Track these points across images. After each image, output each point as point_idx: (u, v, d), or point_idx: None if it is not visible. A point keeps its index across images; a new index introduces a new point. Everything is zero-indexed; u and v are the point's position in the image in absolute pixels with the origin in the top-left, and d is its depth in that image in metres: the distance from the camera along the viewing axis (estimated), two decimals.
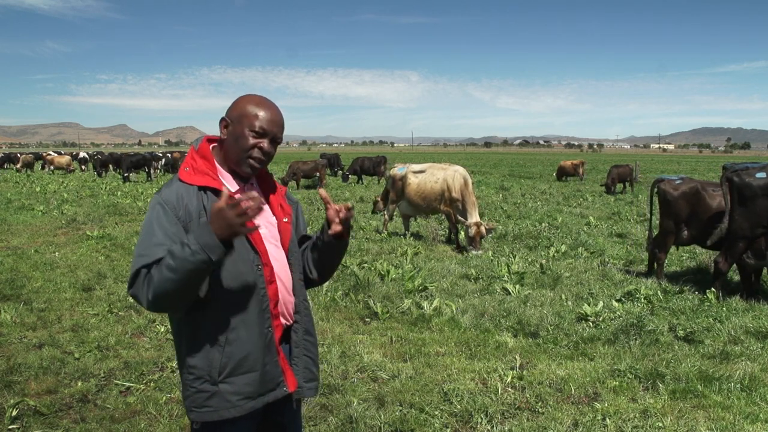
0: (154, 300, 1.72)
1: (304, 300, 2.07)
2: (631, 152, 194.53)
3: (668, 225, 7.24)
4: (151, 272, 1.73)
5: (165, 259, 1.70)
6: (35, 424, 3.69)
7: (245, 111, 1.90)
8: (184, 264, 1.66)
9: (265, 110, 1.91)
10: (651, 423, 3.64)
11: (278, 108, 1.96)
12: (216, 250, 1.67)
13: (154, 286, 1.71)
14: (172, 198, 1.83)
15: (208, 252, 1.66)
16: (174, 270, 1.67)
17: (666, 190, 7.22)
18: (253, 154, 1.90)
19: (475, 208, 9.58)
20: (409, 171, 10.61)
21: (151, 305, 1.74)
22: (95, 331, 5.42)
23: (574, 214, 14.67)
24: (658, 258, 7.39)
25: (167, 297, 1.72)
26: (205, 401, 1.86)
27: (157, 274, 1.71)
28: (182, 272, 1.67)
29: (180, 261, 1.67)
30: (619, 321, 5.45)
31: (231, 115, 1.93)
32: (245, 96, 1.96)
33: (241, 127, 1.89)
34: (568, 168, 28.91)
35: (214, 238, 1.66)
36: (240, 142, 1.89)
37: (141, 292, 1.75)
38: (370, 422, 3.64)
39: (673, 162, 67.38)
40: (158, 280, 1.70)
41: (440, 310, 5.93)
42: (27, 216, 13.58)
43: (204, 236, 1.66)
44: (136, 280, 1.76)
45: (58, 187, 22.59)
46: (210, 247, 1.66)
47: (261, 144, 1.90)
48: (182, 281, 1.69)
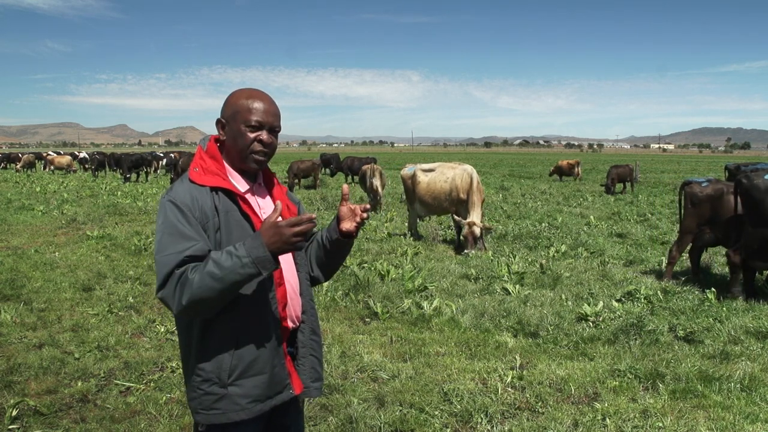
0: (188, 305, 1.67)
1: (310, 300, 2.07)
2: (631, 152, 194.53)
3: (690, 226, 7.33)
4: (186, 275, 1.67)
5: (207, 267, 1.66)
6: (35, 424, 3.69)
7: (237, 107, 1.88)
8: (230, 275, 1.64)
9: (258, 102, 1.88)
10: (651, 423, 3.64)
11: (270, 97, 1.93)
12: (268, 265, 1.66)
13: (193, 291, 1.65)
14: (186, 199, 1.80)
15: (260, 266, 1.65)
16: (219, 279, 1.64)
17: (693, 193, 7.30)
18: (255, 148, 1.88)
19: (475, 209, 9.41)
20: (418, 170, 10.49)
21: (182, 310, 1.69)
22: (95, 331, 5.42)
23: (574, 214, 14.66)
24: (671, 256, 7.47)
25: (203, 304, 1.68)
26: (213, 404, 1.84)
27: (197, 281, 1.65)
28: (227, 283, 1.65)
29: (227, 272, 1.64)
30: (619, 321, 5.45)
31: (225, 115, 1.91)
32: (235, 92, 1.94)
33: (236, 125, 1.87)
34: (564, 168, 29.30)
35: (267, 253, 1.65)
36: (239, 139, 1.87)
37: (172, 296, 1.68)
38: (370, 422, 3.64)
39: (673, 162, 67.37)
40: (198, 287, 1.65)
41: (440, 310, 5.93)
42: (27, 216, 13.59)
43: (257, 250, 1.64)
44: (168, 281, 1.70)
45: (58, 187, 22.59)
46: (262, 261, 1.65)
47: (260, 136, 1.88)
48: (223, 291, 1.66)
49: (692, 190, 7.33)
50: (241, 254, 1.65)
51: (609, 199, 19.18)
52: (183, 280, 1.67)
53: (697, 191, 7.28)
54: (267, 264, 1.66)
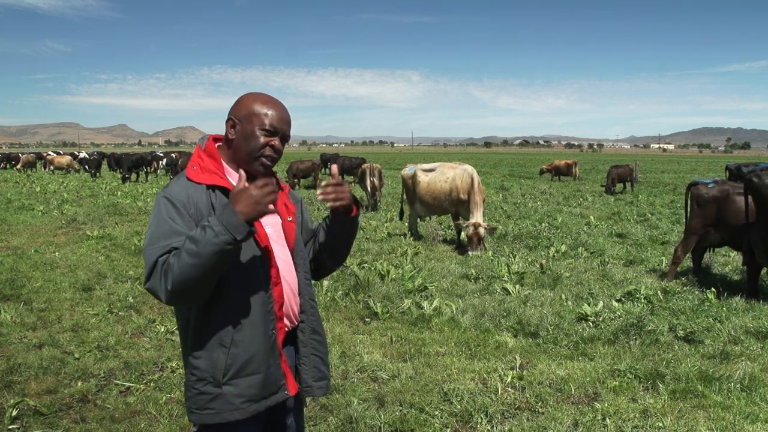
0: (174, 289, 1.66)
1: (310, 299, 2.06)
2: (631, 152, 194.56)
3: (695, 227, 7.33)
4: (169, 261, 1.68)
5: (185, 245, 1.66)
6: (35, 424, 3.69)
7: (254, 110, 1.89)
8: (206, 247, 1.63)
9: (274, 109, 1.91)
10: (651, 423, 3.64)
11: (285, 106, 1.96)
12: (241, 229, 1.65)
13: (174, 274, 1.65)
14: (182, 196, 1.81)
15: (233, 231, 1.64)
16: (196, 254, 1.63)
17: (699, 194, 7.31)
18: (266, 152, 1.89)
19: (477, 209, 9.36)
20: (418, 170, 10.47)
21: (170, 296, 1.68)
22: (95, 331, 5.42)
23: (574, 214, 14.66)
24: (675, 256, 7.47)
25: (188, 284, 1.67)
26: (207, 403, 1.84)
27: (176, 262, 1.66)
28: (205, 256, 1.63)
29: (203, 244, 1.63)
30: (619, 321, 5.45)
31: (238, 115, 1.91)
32: (251, 94, 1.95)
33: (251, 126, 1.88)
34: (562, 167, 29.49)
35: (238, 217, 1.65)
36: (251, 141, 1.88)
37: (159, 284, 1.69)
38: (370, 422, 3.64)
39: (673, 162, 67.38)
40: (178, 267, 1.65)
41: (440, 310, 5.93)
42: (27, 216, 13.58)
43: (227, 216, 1.65)
44: (153, 271, 1.70)
45: (58, 187, 22.59)
46: (234, 226, 1.64)
47: (273, 142, 1.89)
48: (205, 266, 1.65)
49: (698, 191, 7.34)
50: (213, 223, 1.65)
51: (609, 199, 19.18)
52: (166, 267, 1.68)
53: (703, 192, 7.29)
54: (240, 228, 1.65)
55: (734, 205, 6.98)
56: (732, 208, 7.00)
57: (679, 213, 14.52)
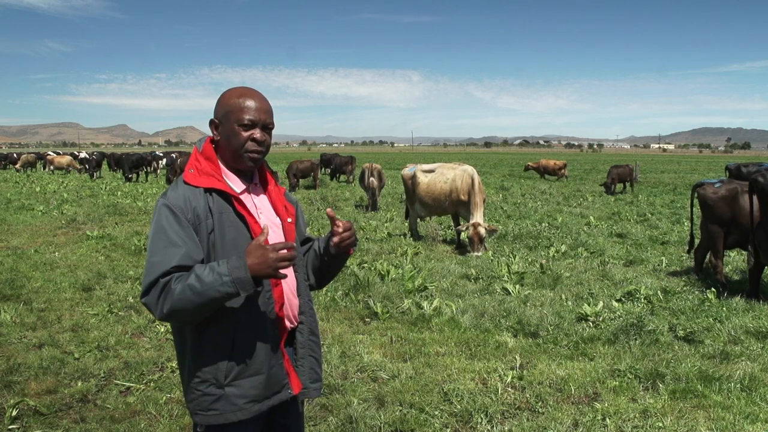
0: (169, 313, 1.71)
1: (308, 300, 2.07)
2: (631, 152, 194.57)
3: (714, 229, 7.12)
4: (170, 285, 1.70)
5: (190, 279, 1.69)
6: (35, 424, 3.69)
7: (229, 106, 1.88)
8: (209, 291, 1.67)
9: (249, 100, 1.88)
10: (651, 423, 3.64)
11: (262, 94, 1.92)
12: (247, 287, 1.68)
13: (173, 301, 1.69)
14: (179, 201, 1.81)
15: (239, 287, 1.67)
16: (198, 294, 1.67)
17: (706, 195, 7.16)
18: (249, 147, 1.88)
19: (478, 209, 9.33)
20: (418, 170, 10.44)
21: (164, 317, 1.73)
22: (95, 331, 5.42)
23: (574, 214, 14.66)
24: (715, 265, 7.13)
25: (184, 313, 1.72)
26: (211, 404, 1.85)
27: (178, 292, 1.69)
28: (205, 298, 1.68)
29: (206, 287, 1.67)
30: (619, 321, 5.45)
31: (218, 115, 1.91)
32: (226, 91, 1.94)
33: (230, 124, 1.87)
34: (550, 167, 29.73)
35: (248, 275, 1.67)
36: (232, 139, 1.87)
37: (155, 304, 1.72)
38: (370, 422, 3.64)
39: (673, 162, 67.36)
40: (178, 298, 1.68)
41: (440, 310, 5.93)
42: (27, 216, 13.58)
43: (239, 270, 1.67)
44: (152, 288, 1.73)
45: (58, 187, 22.59)
46: (242, 282, 1.67)
47: (253, 135, 1.88)
48: (202, 305, 1.70)
49: (704, 193, 7.17)
50: (223, 272, 1.67)
51: (609, 199, 19.18)
52: (166, 290, 1.71)
53: (709, 193, 7.13)
54: (246, 285, 1.68)
55: (745, 204, 6.85)
56: (743, 208, 6.88)
57: (680, 213, 14.53)
